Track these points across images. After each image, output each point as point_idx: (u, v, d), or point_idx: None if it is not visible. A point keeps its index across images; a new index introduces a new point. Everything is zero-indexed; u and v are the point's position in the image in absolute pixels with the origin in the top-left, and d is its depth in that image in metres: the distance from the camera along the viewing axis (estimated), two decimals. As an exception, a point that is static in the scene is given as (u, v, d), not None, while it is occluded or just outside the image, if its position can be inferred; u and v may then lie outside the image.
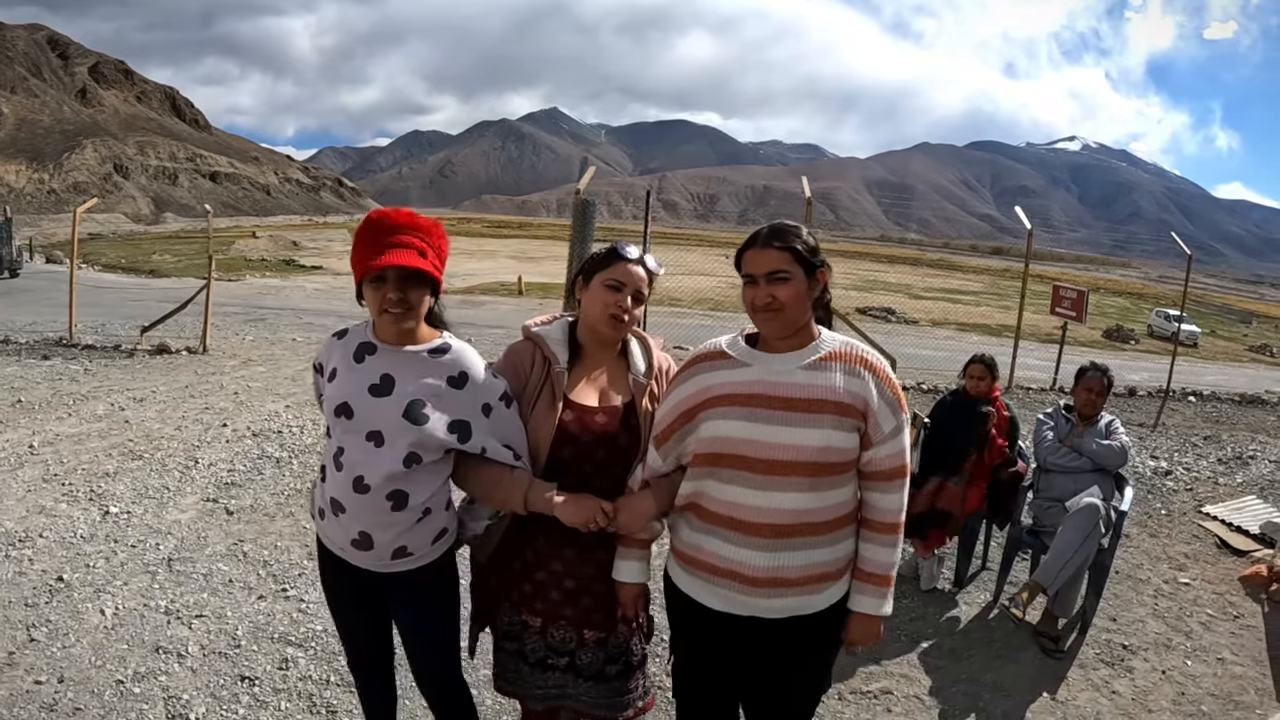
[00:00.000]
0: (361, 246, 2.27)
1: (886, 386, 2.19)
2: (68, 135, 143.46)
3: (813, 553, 2.21)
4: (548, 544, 2.51)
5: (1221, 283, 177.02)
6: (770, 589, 2.20)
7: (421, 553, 2.44)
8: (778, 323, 2.18)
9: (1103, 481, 4.74)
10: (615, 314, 2.44)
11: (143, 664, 3.68)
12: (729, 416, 2.19)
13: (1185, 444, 9.59)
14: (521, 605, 2.56)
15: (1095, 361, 5.11)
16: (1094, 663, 4.33)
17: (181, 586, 4.45)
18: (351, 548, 2.38)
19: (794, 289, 2.16)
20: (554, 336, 2.53)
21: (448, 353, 2.38)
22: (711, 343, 2.36)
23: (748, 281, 2.21)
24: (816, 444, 2.12)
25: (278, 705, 3.48)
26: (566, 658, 2.54)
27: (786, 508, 2.15)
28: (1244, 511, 6.81)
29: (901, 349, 16.01)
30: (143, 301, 16.83)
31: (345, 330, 2.46)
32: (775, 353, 2.23)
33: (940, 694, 3.97)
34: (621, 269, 2.46)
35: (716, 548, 2.24)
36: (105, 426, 7.39)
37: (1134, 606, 5.04)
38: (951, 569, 5.20)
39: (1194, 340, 37.70)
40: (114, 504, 5.53)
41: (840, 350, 2.21)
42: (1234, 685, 4.20)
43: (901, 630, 4.56)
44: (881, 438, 2.20)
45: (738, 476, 2.18)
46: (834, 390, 2.15)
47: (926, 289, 53.71)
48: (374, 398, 2.30)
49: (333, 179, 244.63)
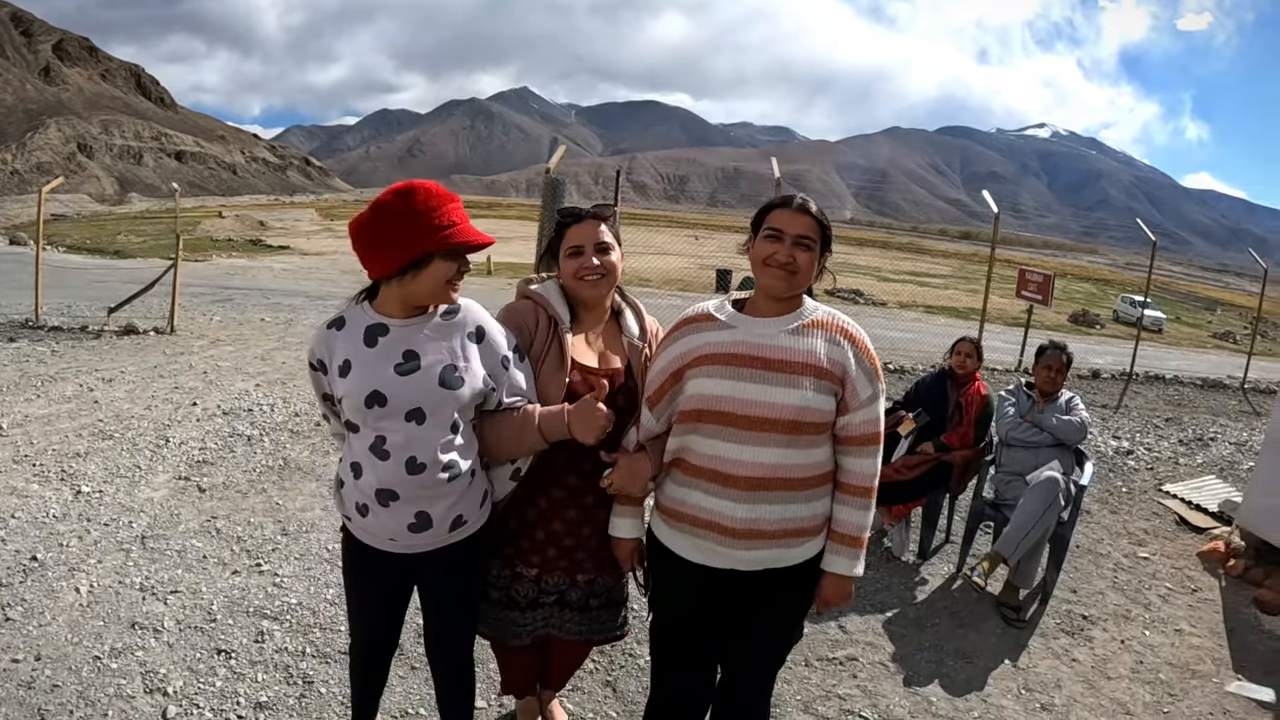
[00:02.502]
0: (428, 218, 2.20)
1: (865, 356, 2.30)
2: (31, 114, 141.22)
3: (789, 507, 2.29)
4: (549, 505, 2.59)
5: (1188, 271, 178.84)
6: (748, 540, 2.29)
7: (474, 519, 2.46)
8: (788, 283, 2.26)
9: (1063, 456, 4.91)
10: (585, 274, 2.51)
11: (119, 640, 3.69)
12: (713, 375, 2.27)
13: (1147, 425, 9.80)
14: (516, 559, 2.64)
15: (1055, 340, 5.25)
16: (1054, 632, 4.46)
17: (155, 563, 4.46)
18: (407, 533, 2.35)
19: (811, 258, 2.27)
20: (553, 296, 2.58)
21: (459, 312, 2.38)
22: (699, 306, 2.44)
23: (771, 237, 2.27)
24: (795, 403, 2.21)
25: (255, 677, 3.52)
26: (555, 595, 2.67)
27: (765, 461, 2.24)
28: (1203, 490, 6.99)
29: (869, 330, 16.13)
30: (108, 283, 16.61)
31: (340, 319, 2.37)
32: (761, 316, 2.32)
33: (905, 661, 4.08)
34: (573, 233, 2.55)
35: (698, 500, 2.33)
36: (75, 407, 7.33)
37: (1094, 579, 5.18)
38: (916, 541, 5.33)
39: (1159, 326, 38.17)
40: (85, 483, 5.51)
41: (823, 319, 2.31)
42: (1191, 655, 4.34)
43: (867, 600, 4.67)
44: (858, 404, 2.29)
45: (721, 431, 2.26)
46: (814, 355, 2.25)
47: (895, 272, 53.94)
48: (402, 377, 2.27)
49: (300, 158, 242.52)
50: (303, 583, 4.36)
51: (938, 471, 5.14)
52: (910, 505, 5.18)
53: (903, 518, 5.22)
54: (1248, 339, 19.40)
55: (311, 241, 46.10)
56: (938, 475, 5.15)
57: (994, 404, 5.27)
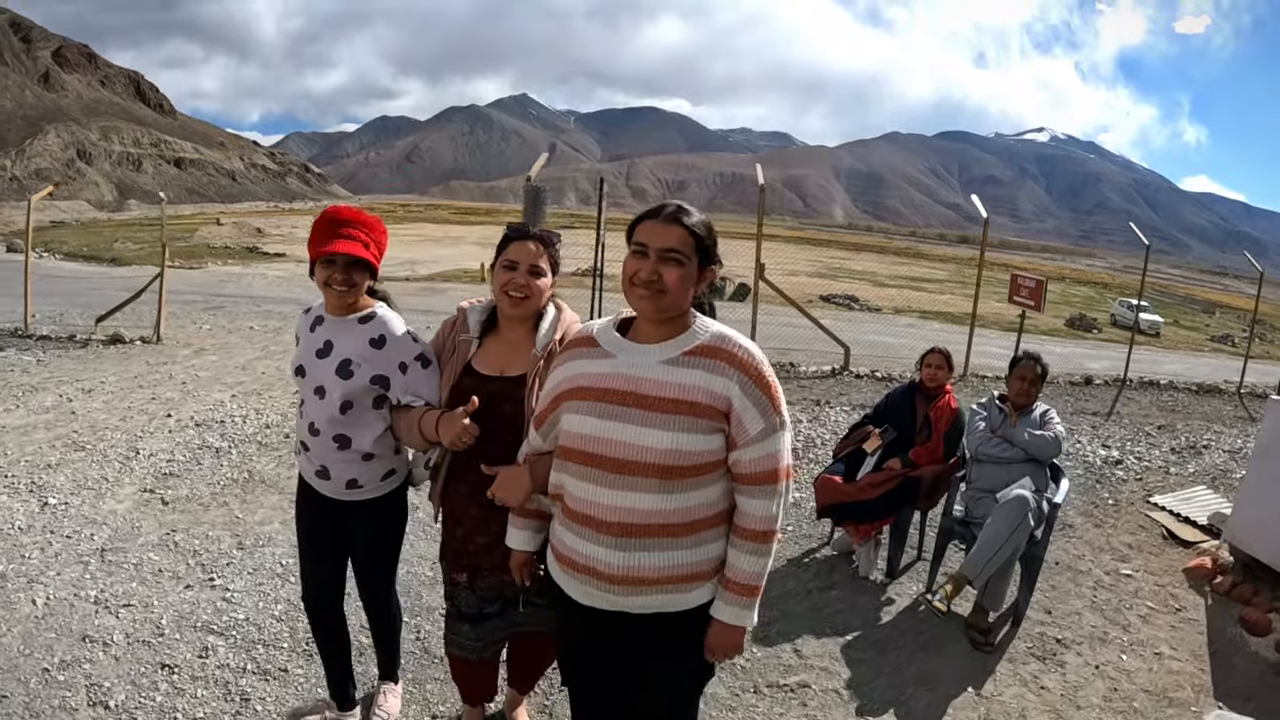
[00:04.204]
0: (317, 234, 2.79)
1: (756, 386, 2.09)
2: (30, 120, 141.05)
3: (673, 554, 2.13)
4: (457, 503, 2.83)
5: (1186, 274, 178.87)
6: (626, 586, 2.15)
7: (371, 486, 3.00)
8: (654, 304, 2.09)
9: (1035, 472, 4.73)
10: (509, 290, 2.66)
11: (69, 652, 3.77)
12: (581, 411, 2.16)
13: (1138, 433, 9.63)
14: (453, 564, 2.90)
15: (1028, 350, 5.07)
16: (1024, 657, 4.29)
17: (112, 576, 4.54)
18: (316, 478, 2.99)
19: (682, 275, 2.09)
20: (475, 310, 2.85)
21: (373, 319, 2.88)
22: (588, 326, 2.34)
23: (636, 253, 2.11)
24: (663, 446, 2.05)
25: (194, 692, 3.58)
26: (497, 600, 2.87)
27: (637, 507, 2.09)
28: (1193, 501, 6.82)
29: (862, 336, 16.05)
30: (102, 290, 16.59)
31: (309, 308, 3.02)
32: (643, 342, 2.17)
33: (861, 688, 3.93)
34: (513, 249, 2.70)
35: (574, 543, 2.21)
36: (52, 418, 7.34)
37: (1071, 599, 5.00)
38: (885, 560, 5.18)
39: (1156, 330, 38.07)
40: (53, 495, 5.55)
41: (709, 344, 2.12)
42: (1170, 681, 4.16)
43: (827, 622, 4.53)
44: (747, 440, 2.10)
45: (589, 473, 2.14)
46: (691, 389, 2.07)
47: (891, 276, 53.83)
48: (318, 359, 2.87)
49: (299, 165, 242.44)
50: (252, 598, 4.39)
51: (904, 489, 4.97)
52: (876, 525, 5.01)
53: (869, 537, 5.05)
54: (1246, 341, 19.29)
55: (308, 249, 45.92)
56: (905, 493, 4.97)
57: (965, 417, 5.11)
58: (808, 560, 5.36)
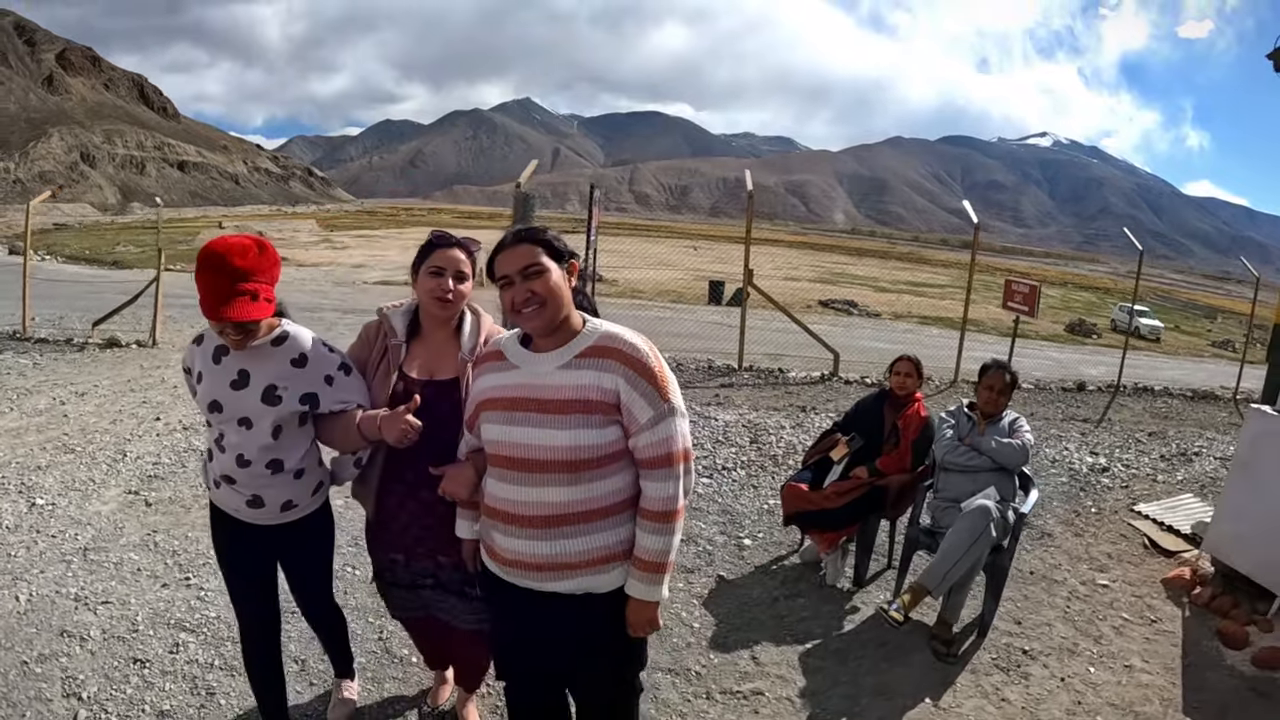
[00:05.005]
0: (206, 290, 2.50)
1: (641, 377, 2.25)
2: (34, 123, 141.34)
3: (592, 538, 2.32)
4: (395, 499, 2.94)
5: (1189, 279, 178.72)
6: (555, 572, 2.34)
7: (304, 504, 2.95)
8: (540, 319, 2.28)
9: (1001, 482, 4.69)
10: (439, 296, 2.78)
11: (47, 647, 3.91)
12: (494, 420, 2.36)
13: (1128, 440, 9.56)
14: (388, 547, 3.03)
15: (997, 359, 5.05)
16: (988, 668, 4.24)
17: (93, 574, 4.67)
18: (246, 508, 2.85)
19: (550, 281, 2.28)
20: (398, 315, 2.93)
21: (287, 340, 2.77)
22: (498, 339, 2.54)
23: (504, 285, 2.31)
24: (566, 443, 2.24)
25: (163, 686, 3.71)
26: (430, 578, 3.02)
27: (552, 500, 2.28)
28: (1178, 510, 6.77)
29: (856, 342, 16.04)
30: (102, 294, 16.60)
31: (201, 336, 2.83)
32: (540, 352, 2.35)
33: (815, 696, 3.92)
34: (439, 255, 2.81)
35: (498, 540, 2.40)
36: (44, 421, 7.45)
37: (1043, 609, 4.94)
38: (854, 568, 5.17)
39: (1157, 335, 37.99)
40: (41, 496, 5.68)
41: (597, 345, 2.30)
42: (1138, 694, 4.08)
43: (789, 630, 4.53)
44: (639, 427, 2.27)
45: (506, 474, 2.34)
46: (582, 389, 2.25)
47: (892, 282, 53.83)
48: (235, 391, 2.73)
49: (302, 169, 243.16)
50: (224, 597, 4.37)
51: (870, 497, 4.95)
52: (842, 533, 4.99)
53: (835, 545, 5.02)
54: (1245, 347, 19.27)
55: (309, 252, 45.98)
56: (870, 501, 4.96)
57: (934, 426, 5.09)
58: (775, 568, 5.35)
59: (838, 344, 12.57)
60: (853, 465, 5.09)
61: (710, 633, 4.46)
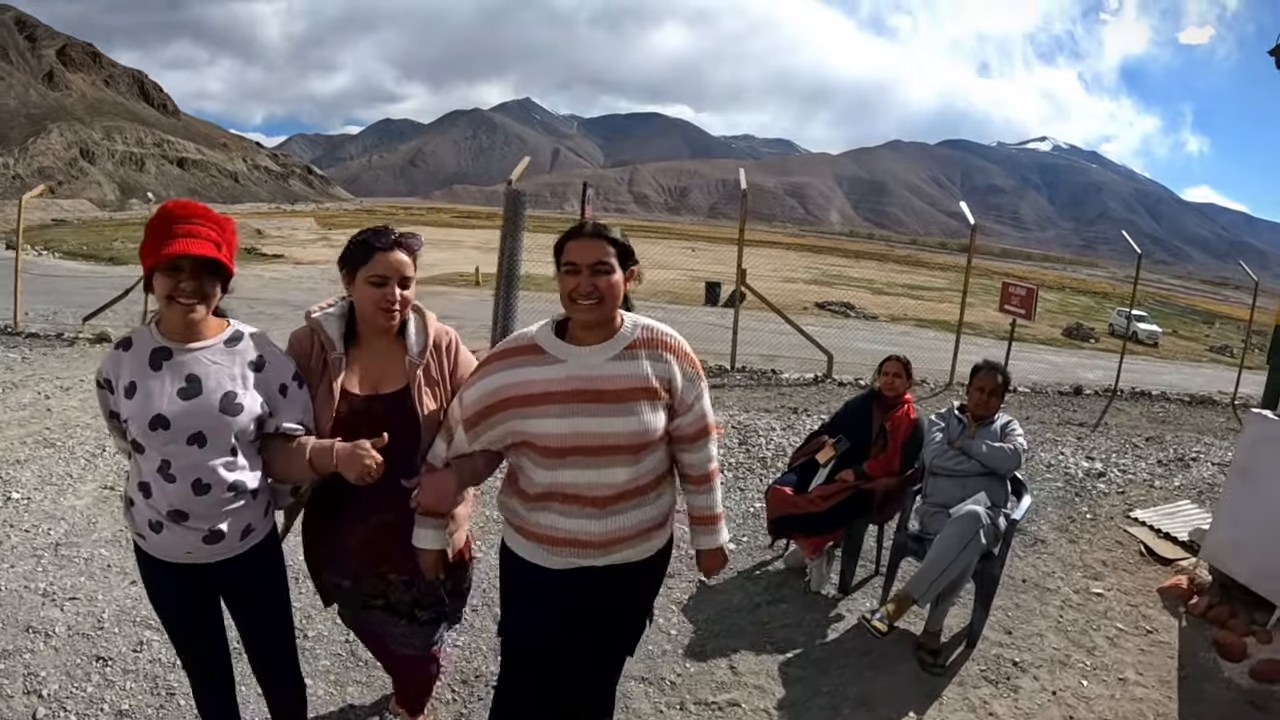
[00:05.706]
0: (154, 235, 2.24)
1: (686, 363, 2.48)
2: (34, 119, 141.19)
3: (642, 510, 2.51)
4: (343, 525, 2.70)
5: (1188, 284, 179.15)
6: (607, 547, 2.48)
7: (260, 526, 2.55)
8: (594, 313, 2.33)
9: (993, 487, 4.50)
10: (385, 308, 2.53)
11: (12, 642, 3.84)
12: (551, 414, 2.34)
13: (1125, 445, 9.43)
14: (334, 572, 2.81)
15: (989, 360, 4.86)
16: (976, 680, 4.07)
17: (63, 570, 4.59)
18: (203, 545, 2.41)
19: (612, 280, 2.34)
20: (332, 322, 2.60)
21: (242, 340, 2.43)
22: (524, 334, 2.48)
23: (569, 271, 2.33)
24: (634, 429, 2.36)
25: (124, 685, 3.63)
26: (380, 600, 2.83)
27: (616, 481, 2.41)
28: (1175, 517, 6.63)
29: (851, 343, 15.90)
30: (98, 289, 16.61)
31: (128, 340, 2.40)
32: (584, 344, 2.39)
33: (794, 708, 3.78)
34: (381, 261, 2.51)
35: (554, 521, 2.45)
36: (27, 415, 7.40)
37: (1035, 618, 4.78)
38: (840, 574, 5.01)
39: (1155, 340, 38.00)
40: (17, 490, 5.61)
41: (644, 337, 2.43)
42: (1131, 709, 3.92)
43: (770, 638, 4.37)
44: (685, 408, 2.50)
45: (574, 461, 2.36)
46: (643, 378, 2.39)
47: (890, 284, 53.77)
48: (185, 401, 2.31)
49: (302, 167, 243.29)
50: None
51: (856, 501, 4.78)
52: (826, 537, 4.82)
53: (820, 550, 4.86)
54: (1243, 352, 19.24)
55: (306, 250, 45.98)
56: (856, 505, 4.79)
57: (924, 428, 4.92)
58: (759, 573, 5.19)
59: (832, 345, 12.50)
60: (840, 468, 4.93)
61: (687, 640, 4.32)
